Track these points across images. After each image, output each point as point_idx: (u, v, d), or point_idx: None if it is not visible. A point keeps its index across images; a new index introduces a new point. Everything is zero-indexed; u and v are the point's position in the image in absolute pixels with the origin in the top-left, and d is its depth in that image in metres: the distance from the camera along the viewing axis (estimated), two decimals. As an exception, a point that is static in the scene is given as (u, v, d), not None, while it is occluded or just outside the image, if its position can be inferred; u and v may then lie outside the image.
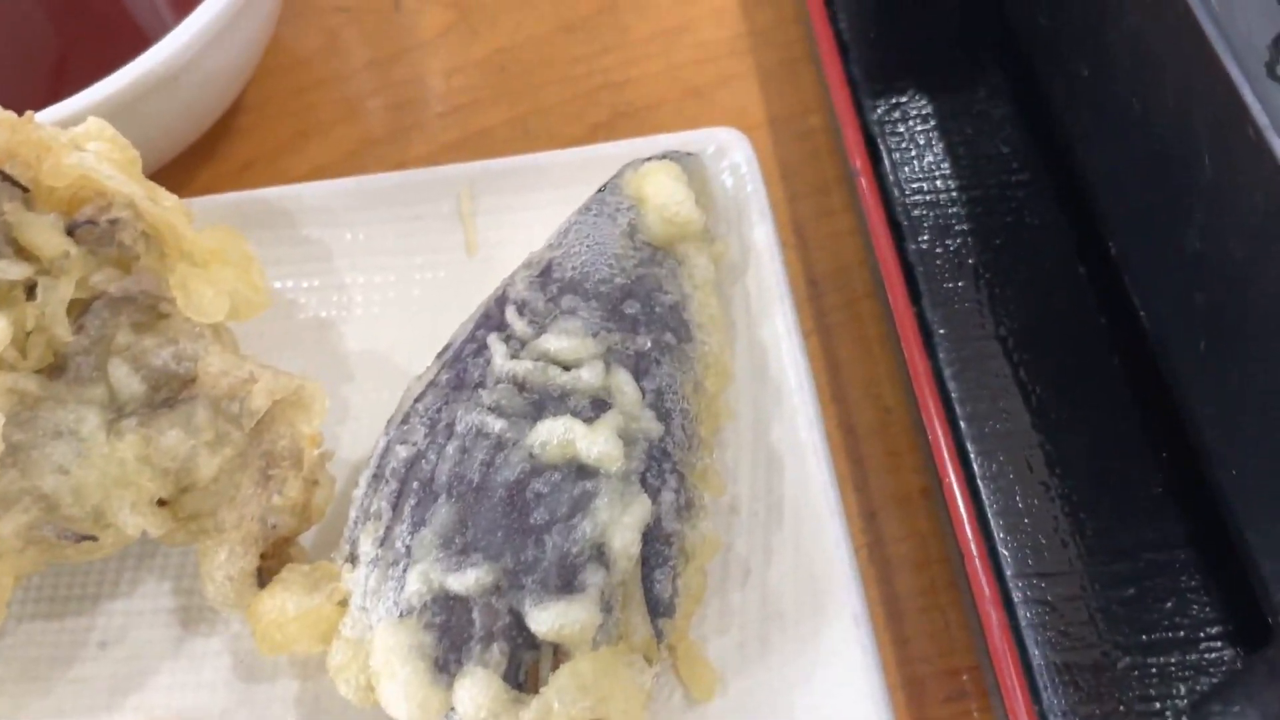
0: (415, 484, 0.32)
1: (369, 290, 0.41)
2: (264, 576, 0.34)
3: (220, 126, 0.49)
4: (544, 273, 0.36)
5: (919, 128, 0.45)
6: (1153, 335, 0.37)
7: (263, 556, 0.34)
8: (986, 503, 0.36)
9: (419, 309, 0.41)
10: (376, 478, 0.33)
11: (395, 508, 0.32)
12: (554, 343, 0.34)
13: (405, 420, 0.34)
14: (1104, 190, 0.40)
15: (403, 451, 0.33)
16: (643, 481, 0.32)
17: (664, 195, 0.37)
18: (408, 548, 0.31)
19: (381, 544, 0.32)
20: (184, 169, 0.48)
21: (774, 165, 0.47)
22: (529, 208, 0.42)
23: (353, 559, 0.32)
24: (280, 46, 0.52)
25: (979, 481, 0.36)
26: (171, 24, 0.41)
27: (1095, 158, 0.41)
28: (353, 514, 0.33)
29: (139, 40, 0.41)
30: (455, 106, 0.50)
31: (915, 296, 0.41)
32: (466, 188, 0.42)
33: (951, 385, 0.39)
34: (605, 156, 0.41)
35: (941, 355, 0.39)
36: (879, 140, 0.44)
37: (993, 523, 0.36)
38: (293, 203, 0.42)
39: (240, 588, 0.33)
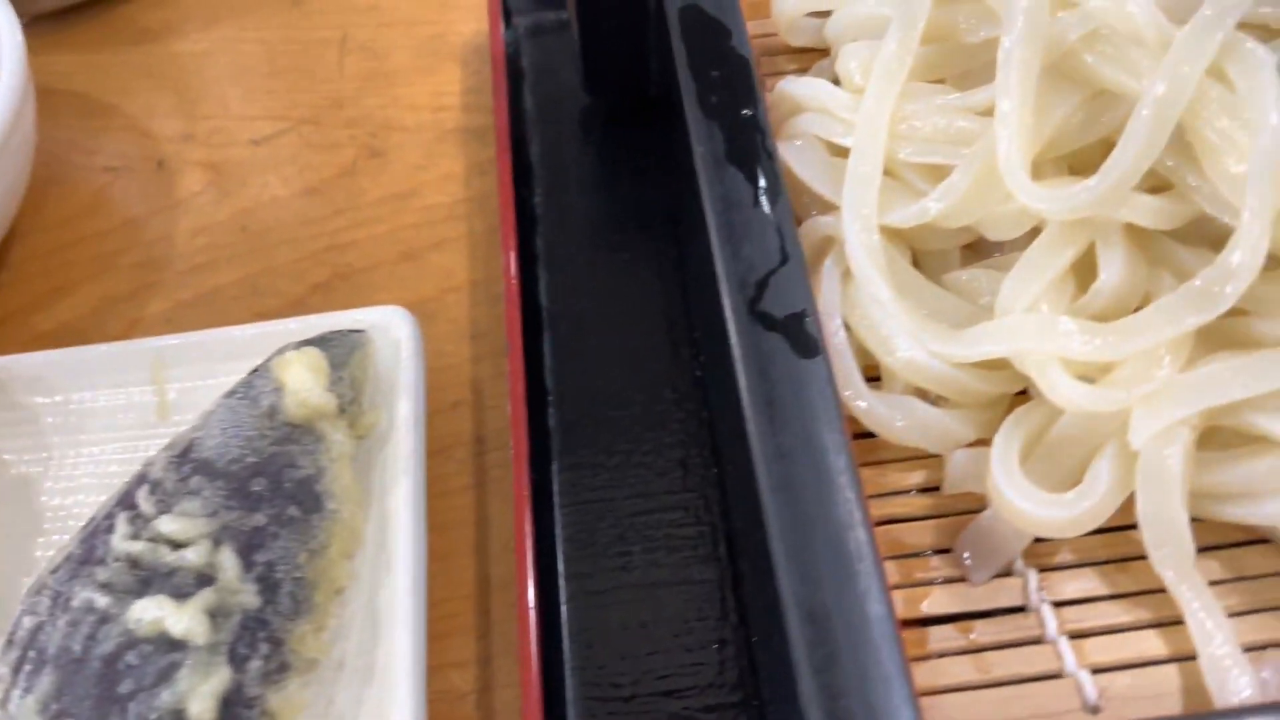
0: (33, 653, 0.37)
1: (66, 449, 0.46)
2: (-85, 726, 0.38)
3: (-18, 282, 0.55)
4: (183, 454, 0.41)
5: (583, 306, 0.50)
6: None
7: (-86, 709, 0.39)
8: (567, 662, 0.41)
9: (113, 470, 0.46)
10: (8, 643, 0.38)
11: (15, 673, 0.37)
12: (168, 524, 0.39)
13: (38, 591, 0.39)
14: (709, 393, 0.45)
15: (28, 622, 0.38)
16: (231, 652, 0.37)
17: (297, 383, 0.42)
18: (14, 712, 0.36)
19: (0, 705, 0.37)
20: (-57, 324, 0.53)
21: (467, 326, 0.52)
22: (214, 375, 0.47)
23: (-21, 716, 0.37)
24: (47, 205, 0.58)
25: (563, 641, 0.42)
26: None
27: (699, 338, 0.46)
28: (-14, 675, 0.38)
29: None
30: (195, 265, 0.55)
31: (545, 463, 0.46)
32: (158, 358, 0.47)
33: (563, 547, 0.44)
34: (282, 332, 0.46)
35: (561, 516, 0.45)
36: (545, 312, 0.50)
37: (569, 686, 0.41)
38: (5, 373, 0.47)
39: (-110, 737, 0.38)
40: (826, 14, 0.45)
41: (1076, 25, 0.35)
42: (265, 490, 0.41)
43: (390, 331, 0.47)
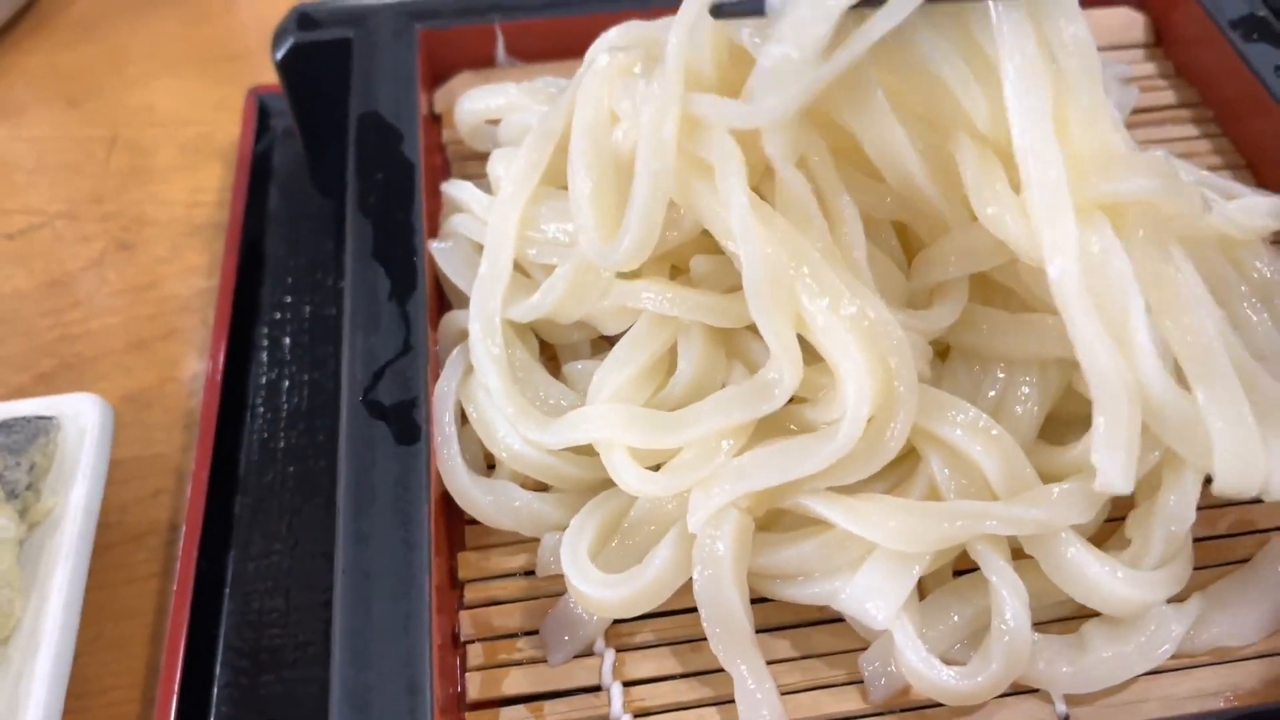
0: None
1: None
2: None
3: None
4: None
5: (289, 398, 0.52)
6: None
7: None
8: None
9: None
10: None
11: None
12: None
13: None
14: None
15: None
16: None
17: (-44, 469, 0.43)
18: None
19: None
20: None
21: (182, 416, 0.53)
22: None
23: None
24: None
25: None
26: None
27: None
28: None
29: None
30: (-77, 357, 0.56)
31: (223, 550, 0.47)
32: None
33: (224, 633, 0.45)
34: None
35: (227, 611, 0.45)
36: (250, 402, 0.52)
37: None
38: None
39: None
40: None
41: (627, 133, 0.38)
42: (-91, 575, 0.41)
43: (80, 419, 0.48)
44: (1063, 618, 0.36)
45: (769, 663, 0.34)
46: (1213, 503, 0.39)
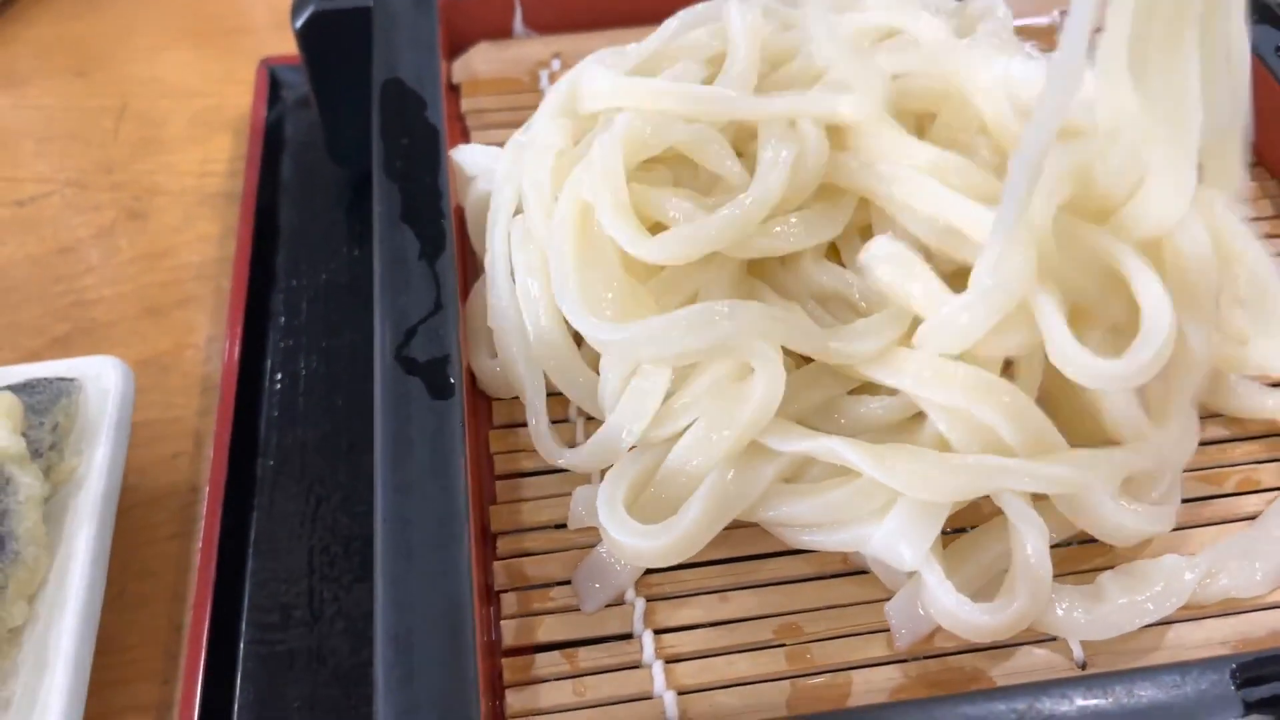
0: None
1: None
2: None
3: None
4: None
5: (308, 362, 0.53)
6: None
7: None
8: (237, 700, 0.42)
9: None
10: None
11: None
12: None
13: None
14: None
15: None
16: (-126, 686, 0.37)
17: (-17, 426, 0.43)
18: None
19: None
20: None
21: (199, 380, 0.54)
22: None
23: None
24: None
25: (236, 678, 0.43)
26: None
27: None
28: None
29: None
30: (-62, 319, 0.56)
31: (246, 510, 0.47)
32: None
33: (249, 590, 0.45)
34: (-7, 380, 0.47)
35: (251, 570, 0.46)
36: (269, 366, 0.52)
37: None
38: None
39: None
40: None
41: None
42: (-60, 530, 0.41)
43: (101, 381, 0.48)
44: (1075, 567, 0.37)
45: (793, 613, 0.36)
46: (1219, 463, 0.41)
